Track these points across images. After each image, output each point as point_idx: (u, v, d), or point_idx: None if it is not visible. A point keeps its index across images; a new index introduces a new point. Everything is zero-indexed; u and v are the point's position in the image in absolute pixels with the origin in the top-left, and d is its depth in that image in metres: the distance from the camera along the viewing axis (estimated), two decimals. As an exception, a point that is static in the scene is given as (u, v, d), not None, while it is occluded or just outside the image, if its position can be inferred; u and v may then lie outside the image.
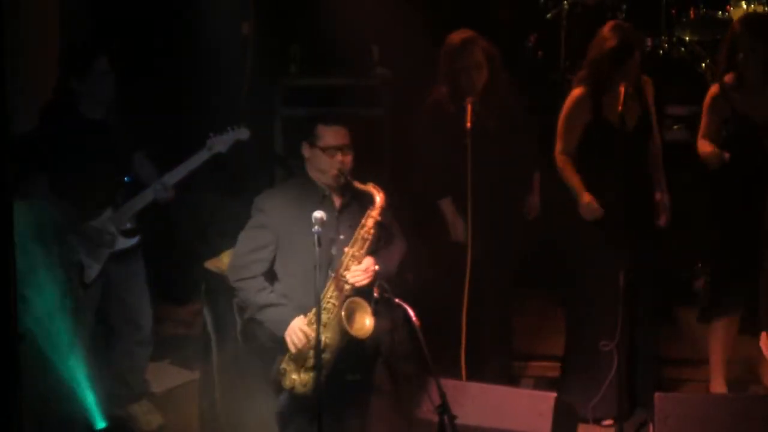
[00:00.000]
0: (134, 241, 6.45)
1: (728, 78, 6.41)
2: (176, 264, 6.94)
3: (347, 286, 5.70)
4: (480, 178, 6.34)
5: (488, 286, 6.57)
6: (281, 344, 5.71)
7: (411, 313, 5.26)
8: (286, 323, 5.68)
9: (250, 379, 5.95)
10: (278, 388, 5.78)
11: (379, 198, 5.80)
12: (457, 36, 6.54)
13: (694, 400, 5.92)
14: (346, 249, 5.74)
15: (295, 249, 5.75)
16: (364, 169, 6.00)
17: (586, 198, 6.37)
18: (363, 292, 5.73)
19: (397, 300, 5.40)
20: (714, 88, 6.46)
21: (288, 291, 5.77)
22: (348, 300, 5.68)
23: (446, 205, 6.63)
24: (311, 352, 5.64)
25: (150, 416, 6.66)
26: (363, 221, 5.78)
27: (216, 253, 6.37)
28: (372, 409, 5.91)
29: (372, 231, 5.76)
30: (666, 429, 5.73)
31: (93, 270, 6.36)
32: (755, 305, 6.45)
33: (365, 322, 5.67)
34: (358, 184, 5.82)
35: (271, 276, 5.89)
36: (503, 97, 6.58)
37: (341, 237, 5.79)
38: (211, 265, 6.33)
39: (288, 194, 5.90)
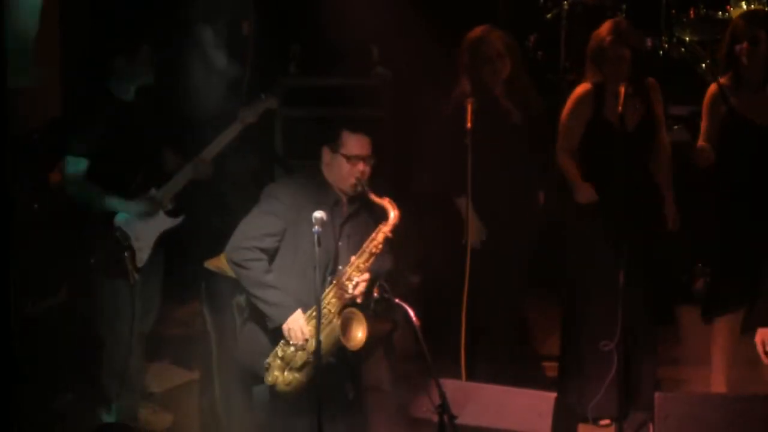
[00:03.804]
0: (179, 220, 6.50)
1: (727, 77, 6.41)
2: (176, 263, 6.93)
3: (347, 295, 5.65)
4: (498, 173, 6.35)
5: (498, 286, 6.57)
6: (272, 334, 5.65)
7: (411, 313, 5.26)
8: (289, 310, 5.58)
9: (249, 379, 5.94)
10: (256, 377, 5.71)
11: (393, 214, 5.70)
12: (476, 29, 6.57)
13: (694, 400, 5.92)
14: (352, 258, 5.68)
15: (299, 244, 5.66)
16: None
17: (583, 186, 6.44)
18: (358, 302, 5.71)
19: (397, 300, 5.40)
20: (713, 87, 6.46)
21: (284, 286, 5.67)
22: (346, 310, 5.65)
23: (464, 203, 6.53)
24: (299, 353, 5.61)
25: (158, 416, 6.67)
26: (374, 235, 5.70)
27: (216, 252, 6.37)
28: (366, 417, 5.89)
29: (381, 246, 5.68)
30: (666, 429, 5.73)
31: (144, 253, 6.40)
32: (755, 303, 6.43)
33: (358, 335, 5.64)
34: (374, 197, 5.71)
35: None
36: (526, 89, 6.60)
37: (340, 243, 5.73)
38: (211, 265, 6.33)
39: (301, 188, 5.76)
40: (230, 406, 6.22)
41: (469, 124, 6.29)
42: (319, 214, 5.25)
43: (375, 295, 5.54)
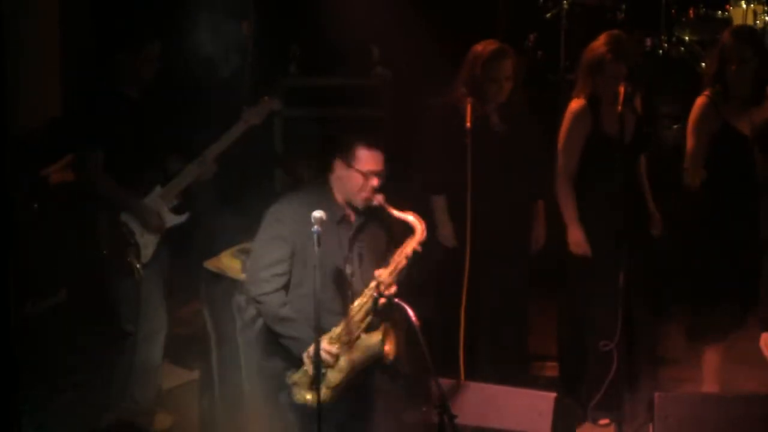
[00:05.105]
0: (184, 217, 6.52)
1: (714, 90, 6.33)
2: (176, 264, 6.93)
3: (378, 306, 5.56)
4: (487, 180, 6.34)
5: (497, 286, 6.57)
6: (293, 360, 5.60)
7: (411, 312, 5.25)
8: (305, 343, 5.51)
9: (249, 379, 5.94)
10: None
11: (420, 228, 5.56)
12: (492, 45, 6.46)
13: (694, 400, 5.92)
14: (377, 272, 5.54)
15: (309, 267, 5.49)
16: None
17: (576, 234, 6.43)
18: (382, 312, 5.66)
19: (397, 300, 5.39)
20: (701, 100, 6.38)
21: (300, 306, 5.59)
22: (383, 325, 5.57)
23: (439, 203, 6.57)
24: (331, 373, 5.55)
25: (159, 416, 6.67)
26: (403, 247, 5.58)
27: (216, 252, 6.37)
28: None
29: (407, 261, 5.57)
30: (666, 429, 5.73)
31: (149, 249, 6.42)
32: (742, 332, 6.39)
33: (391, 345, 5.61)
34: (396, 213, 5.57)
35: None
36: (520, 108, 6.56)
37: (354, 266, 5.63)
38: (210, 265, 6.32)
39: (304, 206, 5.50)
40: (230, 407, 6.22)
41: (468, 124, 6.29)
42: (318, 213, 5.18)
43: (374, 294, 5.53)
